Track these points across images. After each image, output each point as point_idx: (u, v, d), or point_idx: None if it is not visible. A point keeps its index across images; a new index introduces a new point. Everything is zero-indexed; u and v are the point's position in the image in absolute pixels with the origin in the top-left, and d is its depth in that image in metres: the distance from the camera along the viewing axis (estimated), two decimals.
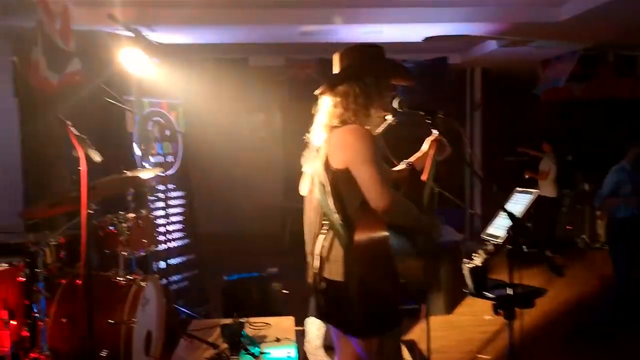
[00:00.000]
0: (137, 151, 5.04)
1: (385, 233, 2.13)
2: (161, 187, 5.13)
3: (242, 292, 4.82)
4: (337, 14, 5.30)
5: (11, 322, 2.80)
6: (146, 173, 3.83)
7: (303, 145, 3.39)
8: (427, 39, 6.17)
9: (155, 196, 4.97)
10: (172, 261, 5.22)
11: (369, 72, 2.34)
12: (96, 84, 4.53)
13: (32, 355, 2.90)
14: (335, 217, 2.26)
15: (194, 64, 6.80)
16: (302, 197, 3.48)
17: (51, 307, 3.13)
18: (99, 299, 2.99)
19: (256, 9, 5.45)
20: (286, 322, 4.33)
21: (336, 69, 2.42)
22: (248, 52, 7.33)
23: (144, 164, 4.95)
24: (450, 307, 5.60)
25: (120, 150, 4.83)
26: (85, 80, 4.53)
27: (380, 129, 2.43)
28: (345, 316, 2.30)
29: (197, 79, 6.26)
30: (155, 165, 5.09)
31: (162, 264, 4.98)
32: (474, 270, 2.95)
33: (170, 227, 5.18)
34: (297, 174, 3.31)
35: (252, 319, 4.23)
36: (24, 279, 2.94)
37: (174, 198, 5.42)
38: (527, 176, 7.59)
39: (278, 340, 3.94)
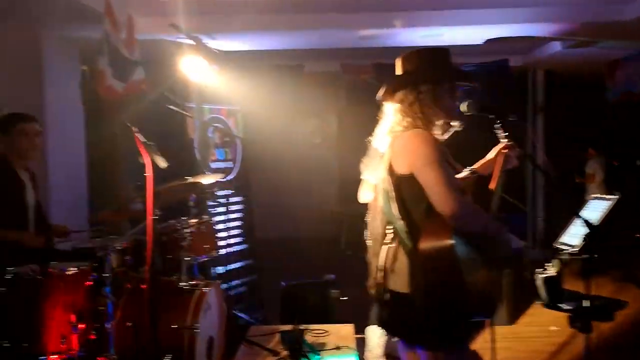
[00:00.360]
0: (198, 157, 5.12)
1: (452, 241, 2.05)
2: (221, 193, 5.19)
3: (300, 298, 4.79)
4: (397, 17, 5.23)
5: (79, 325, 2.85)
6: (208, 179, 3.86)
7: (359, 151, 3.34)
8: (489, 42, 6.01)
9: (215, 202, 5.02)
10: (230, 266, 5.26)
11: (425, 78, 2.26)
12: (159, 91, 4.63)
13: (100, 358, 2.95)
14: (400, 224, 2.19)
15: (251, 70, 6.86)
16: (357, 204, 3.43)
17: (117, 311, 3.18)
18: (163, 304, 3.02)
19: (314, 14, 5.45)
20: (345, 330, 4.26)
21: (398, 74, 2.37)
22: (304, 58, 7.35)
23: (204, 169, 5.02)
24: (513, 318, 5.41)
25: (181, 157, 4.91)
26: (149, 88, 4.64)
27: (445, 136, 2.36)
28: (411, 328, 2.23)
29: (254, 86, 6.32)
30: (215, 171, 5.16)
31: (220, 269, 5.03)
32: (548, 281, 2.82)
33: (229, 233, 5.22)
34: (352, 180, 3.26)
35: (311, 326, 4.19)
36: (92, 283, 2.99)
37: (233, 203, 5.47)
38: (577, 180, 7.52)
39: (338, 348, 3.88)
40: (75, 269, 2.94)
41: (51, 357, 2.78)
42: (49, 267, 2.85)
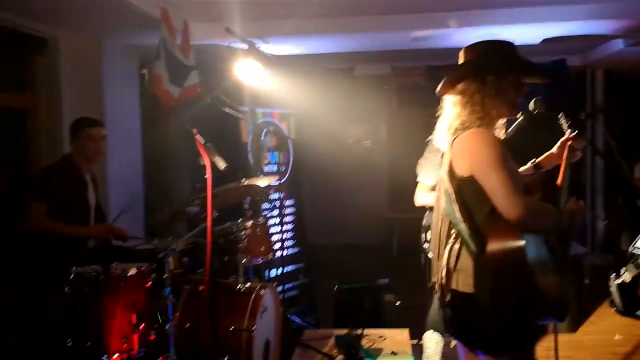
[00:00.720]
0: (251, 160, 5.16)
1: (521, 243, 1.97)
2: (273, 196, 5.21)
3: (353, 302, 4.76)
4: (451, 17, 5.12)
5: (140, 325, 2.89)
6: (264, 181, 3.87)
7: (409, 155, 3.29)
8: (546, 41, 5.83)
9: (268, 205, 5.04)
10: (283, 270, 5.26)
11: (490, 68, 2.18)
12: (214, 95, 4.69)
13: (161, 359, 2.98)
14: (462, 226, 2.13)
15: (302, 74, 6.88)
16: (408, 209, 3.37)
17: (175, 313, 3.22)
18: (220, 305, 3.04)
19: (368, 16, 5.40)
20: (401, 335, 4.19)
21: (461, 63, 2.30)
22: (354, 61, 7.32)
23: (257, 173, 5.05)
24: (575, 325, 5.21)
25: (235, 160, 4.94)
26: (203, 93, 4.70)
27: (510, 132, 2.28)
28: (474, 330, 2.16)
29: (305, 89, 6.33)
30: (267, 174, 5.18)
31: (273, 272, 5.04)
32: (622, 287, 2.68)
33: (282, 236, 5.23)
34: (402, 184, 3.20)
35: (366, 331, 4.14)
36: (151, 284, 3.04)
37: (285, 207, 5.48)
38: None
39: (394, 353, 3.82)
40: (136, 269, 2.98)
41: (113, 356, 2.83)
42: (110, 267, 2.90)
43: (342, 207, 8.85)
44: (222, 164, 2.74)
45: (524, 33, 5.61)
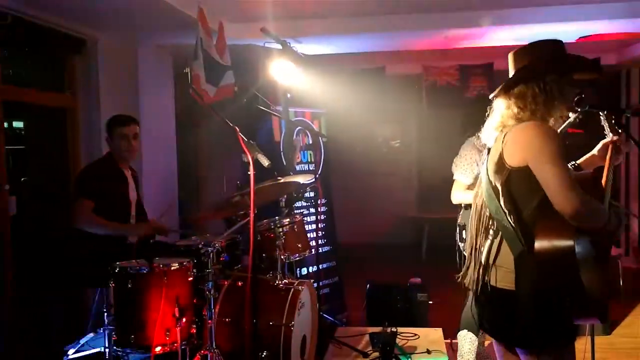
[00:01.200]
0: (283, 159, 5.20)
1: (571, 240, 1.96)
2: (308, 194, 5.24)
3: (386, 301, 4.77)
4: (485, 16, 5.09)
5: (182, 319, 2.94)
6: (301, 179, 3.91)
7: (439, 155, 3.27)
8: (581, 39, 5.76)
9: (303, 203, 5.08)
10: (315, 268, 5.29)
11: (549, 69, 2.18)
12: (249, 95, 4.74)
13: (203, 352, 3.03)
14: (507, 219, 2.12)
15: (333, 74, 6.91)
16: (437, 207, 3.37)
17: (215, 307, 3.27)
18: (259, 301, 3.07)
19: (400, 15, 5.39)
20: (435, 334, 4.21)
21: (511, 69, 2.30)
22: (385, 61, 7.32)
23: (290, 171, 5.09)
24: (609, 328, 5.14)
25: (269, 158, 4.99)
26: (238, 92, 4.75)
27: (562, 129, 2.27)
28: (514, 328, 2.15)
29: (337, 89, 6.35)
30: (299, 172, 5.22)
31: (304, 270, 5.07)
32: None
33: (315, 234, 5.26)
34: (432, 183, 3.19)
35: (399, 329, 4.16)
36: (193, 279, 3.09)
37: (317, 205, 5.50)
38: None
39: (429, 352, 3.83)
40: (178, 264, 3.04)
41: (155, 349, 2.89)
42: (153, 262, 2.96)
43: (371, 206, 8.85)
44: (265, 161, 2.78)
45: (559, 31, 5.55)
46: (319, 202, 5.39)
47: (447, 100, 7.25)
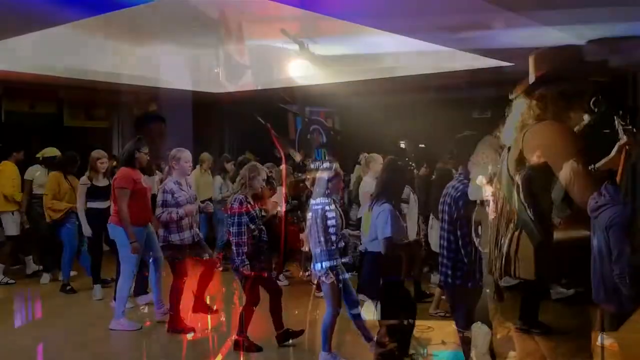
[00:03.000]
0: (298, 157, 5.31)
1: (588, 232, 2.07)
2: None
3: (401, 294, 4.85)
4: (497, 18, 5.15)
5: (214, 307, 3.07)
6: (321, 174, 4.00)
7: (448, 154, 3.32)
8: (590, 42, 5.84)
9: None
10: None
11: (568, 74, 2.30)
12: (266, 94, 4.85)
13: (235, 337, 3.16)
14: (527, 213, 2.23)
15: (346, 74, 7.01)
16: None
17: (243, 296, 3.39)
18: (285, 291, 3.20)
19: (409, 17, 5.44)
20: (449, 326, 4.30)
21: (531, 72, 2.40)
22: (397, 61, 7.36)
23: (304, 168, 5.20)
24: (616, 323, 5.22)
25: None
26: (258, 91, 4.86)
27: (579, 130, 2.37)
28: (533, 314, 2.25)
29: (348, 89, 6.44)
30: (313, 170, 5.33)
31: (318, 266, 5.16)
32: None
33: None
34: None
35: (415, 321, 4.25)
36: (222, 269, 3.22)
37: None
38: None
39: (444, 343, 3.94)
40: (207, 255, 3.17)
41: (188, 334, 3.02)
42: (186, 253, 3.09)
43: None
44: (298, 157, 2.89)
45: (567, 34, 5.62)
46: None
47: (457, 101, 7.28)
